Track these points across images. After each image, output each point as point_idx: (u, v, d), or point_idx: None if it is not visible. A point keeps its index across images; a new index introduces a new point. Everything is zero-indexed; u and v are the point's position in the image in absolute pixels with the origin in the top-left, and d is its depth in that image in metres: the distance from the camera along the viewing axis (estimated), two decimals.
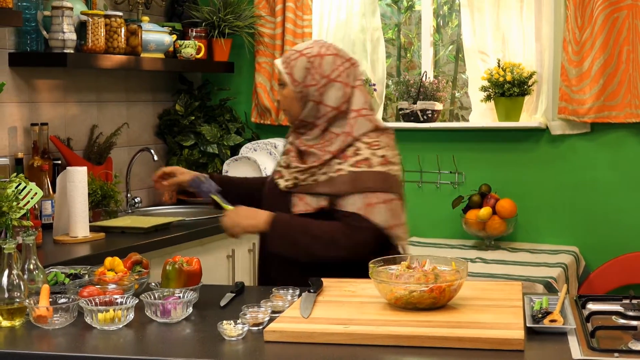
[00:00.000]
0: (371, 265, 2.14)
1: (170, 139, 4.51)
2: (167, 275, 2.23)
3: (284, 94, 2.62)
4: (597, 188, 4.17)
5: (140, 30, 3.92)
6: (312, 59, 2.57)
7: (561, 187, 4.22)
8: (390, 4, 4.92)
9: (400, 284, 2.04)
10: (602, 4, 4.01)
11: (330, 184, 2.50)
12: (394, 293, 2.05)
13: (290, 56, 2.60)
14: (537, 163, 4.26)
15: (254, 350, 1.86)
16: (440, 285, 2.03)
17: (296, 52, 2.60)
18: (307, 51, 2.59)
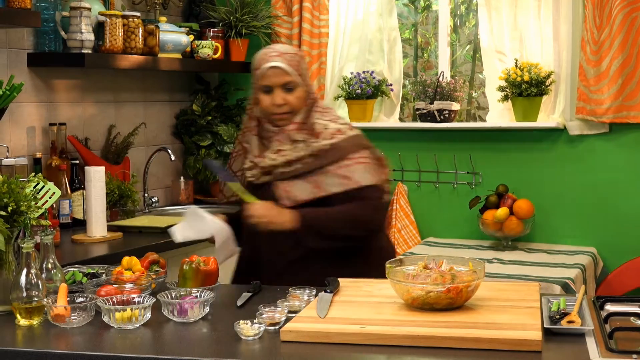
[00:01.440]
0: (388, 266, 2.14)
1: (187, 139, 4.52)
2: (184, 274, 2.24)
3: (298, 95, 2.67)
4: (615, 188, 4.15)
5: (158, 31, 3.94)
6: (303, 58, 2.75)
7: (579, 188, 4.20)
8: (407, 4, 4.91)
9: (417, 285, 2.04)
10: (621, 4, 3.98)
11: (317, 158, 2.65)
12: (411, 293, 2.05)
13: (290, 58, 2.67)
14: (555, 163, 4.24)
15: (270, 350, 1.87)
16: (457, 286, 2.03)
17: (292, 54, 2.70)
18: (294, 50, 2.75)
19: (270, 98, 2.67)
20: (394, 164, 4.48)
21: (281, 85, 2.66)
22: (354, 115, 4.50)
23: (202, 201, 4.48)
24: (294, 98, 2.66)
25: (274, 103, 2.65)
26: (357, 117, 4.49)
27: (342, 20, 4.55)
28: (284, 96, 2.66)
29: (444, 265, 2.18)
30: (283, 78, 2.65)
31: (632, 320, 2.05)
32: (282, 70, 2.65)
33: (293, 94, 2.66)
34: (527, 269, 3.74)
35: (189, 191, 4.44)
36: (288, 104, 2.66)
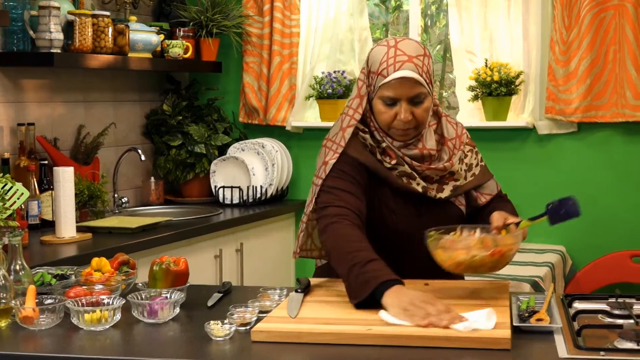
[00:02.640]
0: (430, 234, 2.16)
1: (158, 139, 4.50)
2: (154, 275, 2.23)
3: (426, 107, 2.29)
4: (584, 187, 4.19)
5: (128, 30, 3.91)
6: (430, 57, 2.31)
7: (548, 187, 4.24)
8: (378, 4, 4.93)
9: (461, 250, 2.10)
10: (589, 4, 4.02)
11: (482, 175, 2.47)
12: (455, 259, 2.11)
13: (421, 63, 2.26)
14: (524, 162, 4.27)
15: (241, 351, 1.86)
16: (501, 249, 2.10)
17: (422, 56, 2.27)
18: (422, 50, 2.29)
19: (393, 111, 2.27)
20: None
21: (409, 98, 2.25)
22: (325, 115, 4.50)
23: (173, 201, 4.47)
24: (422, 111, 2.27)
25: (399, 119, 2.26)
26: (329, 117, 4.49)
27: (313, 20, 4.55)
28: (411, 110, 2.26)
29: (477, 233, 2.21)
30: (412, 90, 2.24)
31: (599, 318, 2.07)
32: (413, 81, 2.23)
33: (421, 106, 2.27)
34: None
35: (160, 191, 4.42)
36: (415, 119, 2.27)
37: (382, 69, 2.26)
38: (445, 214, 2.37)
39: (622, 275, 4.08)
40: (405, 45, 2.27)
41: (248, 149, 4.47)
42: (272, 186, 4.42)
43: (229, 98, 4.80)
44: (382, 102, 2.28)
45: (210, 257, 3.85)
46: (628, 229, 4.14)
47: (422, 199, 2.35)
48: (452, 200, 2.40)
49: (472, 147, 2.49)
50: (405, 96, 2.25)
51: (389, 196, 2.34)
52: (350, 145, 2.32)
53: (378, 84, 2.27)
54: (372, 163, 2.32)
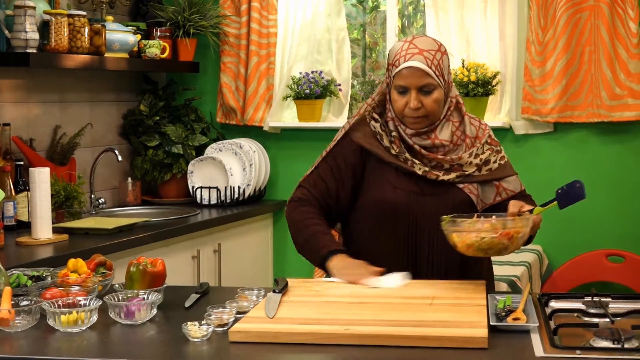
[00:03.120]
0: (444, 218, 2.26)
1: (135, 139, 4.48)
2: (131, 276, 2.22)
3: (435, 98, 2.45)
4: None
5: (104, 30, 3.89)
6: (445, 54, 2.49)
7: (524, 186, 4.25)
8: (356, 4, 4.94)
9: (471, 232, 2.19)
10: (565, 5, 4.05)
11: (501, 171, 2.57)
12: (465, 241, 2.19)
13: (431, 57, 2.43)
14: None
15: (218, 351, 1.86)
16: (509, 231, 2.19)
17: (434, 51, 2.45)
18: (436, 46, 2.47)
19: (405, 99, 2.45)
20: None
21: (418, 87, 2.44)
22: (303, 115, 4.51)
23: (150, 202, 4.45)
24: (431, 101, 2.44)
25: (409, 106, 2.44)
26: (306, 117, 4.49)
27: (290, 20, 4.55)
28: (420, 99, 2.44)
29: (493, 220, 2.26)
30: (421, 80, 2.43)
31: (576, 317, 2.09)
32: (421, 71, 2.42)
33: (430, 96, 2.44)
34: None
35: (137, 192, 4.40)
36: (424, 108, 2.45)
37: (395, 59, 2.47)
38: (449, 197, 2.50)
39: (598, 274, 4.11)
40: (420, 41, 2.48)
41: (226, 150, 4.47)
42: (249, 186, 4.41)
43: (206, 98, 4.78)
44: (396, 91, 2.48)
45: (187, 257, 3.84)
46: (604, 228, 4.18)
47: (427, 180, 2.50)
48: (461, 187, 2.51)
49: (493, 147, 2.59)
50: (415, 85, 2.44)
51: (393, 175, 2.52)
52: (358, 130, 2.56)
53: (392, 73, 2.48)
54: (375, 148, 2.52)
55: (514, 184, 2.60)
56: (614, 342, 1.81)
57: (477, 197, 2.53)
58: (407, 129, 2.50)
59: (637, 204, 4.12)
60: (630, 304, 2.19)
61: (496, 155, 2.59)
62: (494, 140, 2.62)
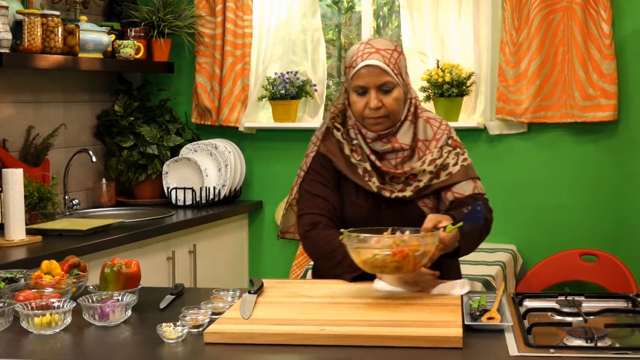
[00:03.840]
0: (343, 232, 2.17)
1: (109, 140, 4.45)
2: (106, 278, 2.21)
3: (395, 97, 2.43)
4: (534, 187, 4.24)
5: (78, 30, 3.87)
6: (402, 54, 2.47)
7: (499, 186, 4.28)
8: (331, 5, 4.94)
9: (365, 248, 2.09)
10: (538, 6, 4.08)
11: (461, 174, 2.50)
12: (361, 257, 2.11)
13: (389, 55, 2.41)
14: (476, 162, 4.25)
15: (193, 353, 1.85)
16: (403, 250, 2.07)
17: (390, 50, 2.43)
18: (392, 46, 2.45)
19: (364, 100, 2.43)
20: None
21: (377, 86, 2.41)
22: (278, 115, 4.50)
23: (125, 203, 4.43)
24: (391, 100, 2.42)
25: (369, 106, 2.42)
26: (281, 118, 4.49)
27: (265, 21, 4.55)
28: (380, 98, 2.42)
29: (406, 235, 2.19)
30: (379, 78, 2.40)
31: (549, 316, 2.10)
32: (379, 69, 2.40)
33: (390, 95, 2.42)
34: None
35: (111, 193, 4.38)
36: (384, 107, 2.42)
37: (352, 60, 2.45)
38: (405, 213, 2.47)
39: (572, 274, 4.14)
40: (376, 41, 2.47)
41: (201, 150, 4.45)
42: (225, 187, 4.40)
43: (181, 99, 4.77)
44: (355, 92, 2.45)
45: (162, 259, 3.82)
46: (577, 227, 4.21)
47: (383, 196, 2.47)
48: (416, 201, 2.48)
49: (452, 148, 2.53)
50: (373, 84, 2.41)
51: (353, 191, 2.50)
52: (325, 142, 2.55)
53: (350, 75, 2.45)
54: (338, 160, 2.51)
55: (465, 186, 2.50)
56: (587, 341, 1.83)
57: (432, 209, 2.49)
58: (369, 132, 2.47)
59: (610, 204, 4.16)
60: (603, 302, 2.21)
61: (456, 158, 2.53)
62: (456, 142, 2.56)
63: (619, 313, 2.14)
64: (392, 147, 2.47)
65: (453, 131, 2.59)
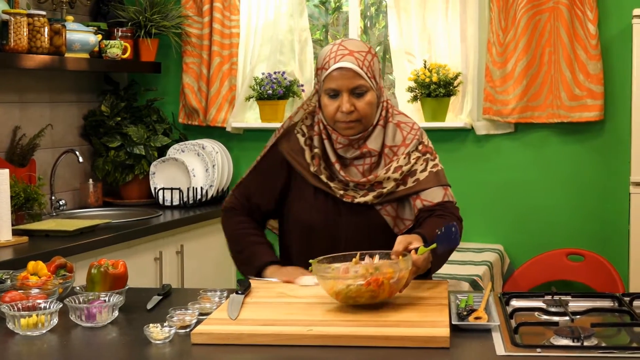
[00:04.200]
0: (312, 262, 2.12)
1: (96, 140, 4.44)
2: (92, 278, 2.20)
3: (368, 100, 2.36)
4: (521, 187, 4.26)
5: (65, 30, 3.86)
6: (375, 57, 2.41)
7: (486, 186, 4.30)
8: (318, 5, 4.94)
9: (338, 279, 2.03)
10: (525, 7, 4.09)
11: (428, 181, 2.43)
12: (334, 288, 2.04)
13: (362, 58, 2.36)
14: (463, 163, 4.33)
15: (181, 353, 1.85)
16: (378, 278, 2.00)
17: (364, 52, 2.37)
18: (366, 48, 2.39)
19: (336, 103, 2.36)
20: None
21: (350, 89, 2.35)
22: (266, 116, 4.50)
23: (112, 204, 4.41)
24: (364, 104, 2.35)
25: (341, 110, 2.35)
26: (269, 118, 4.49)
27: (253, 21, 4.54)
28: (353, 102, 2.35)
29: (376, 259, 2.16)
30: (352, 82, 2.34)
31: (536, 315, 2.11)
32: (352, 72, 2.33)
33: (363, 99, 2.35)
34: None
35: (98, 194, 4.36)
36: (357, 111, 2.35)
37: (325, 62, 2.38)
38: (365, 219, 2.43)
39: (558, 273, 4.16)
40: (349, 43, 2.40)
41: (188, 150, 4.44)
42: (212, 187, 4.40)
43: (168, 99, 4.76)
44: (327, 95, 2.38)
45: (150, 259, 3.81)
46: (564, 227, 4.23)
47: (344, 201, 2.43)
48: (378, 208, 2.43)
49: (422, 154, 2.47)
50: (346, 87, 2.34)
51: (312, 194, 2.46)
52: (285, 141, 2.51)
53: (322, 77, 2.38)
54: (297, 163, 2.48)
55: (433, 193, 2.43)
56: (574, 340, 1.83)
57: (394, 218, 2.44)
58: (340, 137, 2.40)
59: (596, 204, 4.18)
60: (589, 302, 2.22)
61: (425, 164, 2.46)
62: (426, 147, 2.49)
63: (606, 312, 2.15)
64: (360, 153, 2.41)
65: (425, 136, 2.51)
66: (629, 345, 1.90)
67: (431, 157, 2.48)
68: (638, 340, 1.91)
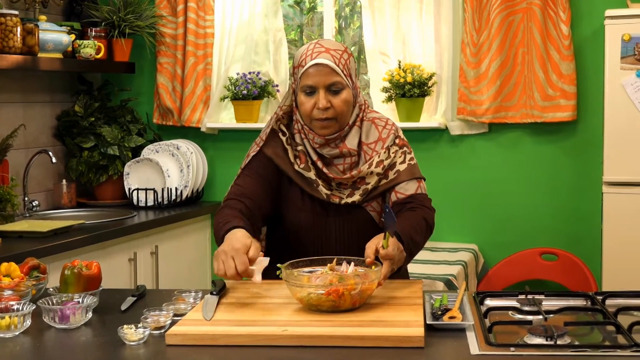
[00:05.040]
0: (281, 266, 2.13)
1: (70, 141, 4.41)
2: (66, 280, 2.19)
3: (344, 98, 2.38)
4: (495, 187, 4.28)
5: (37, 30, 3.83)
6: (351, 56, 2.43)
7: (460, 186, 4.32)
8: (293, 5, 4.94)
9: (299, 286, 2.04)
10: (498, 7, 4.12)
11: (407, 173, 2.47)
12: (297, 294, 2.06)
13: (338, 56, 2.38)
14: (437, 162, 4.34)
15: (155, 355, 1.84)
16: (338, 289, 2.01)
17: (340, 51, 2.39)
18: (342, 47, 2.42)
19: (313, 100, 2.37)
20: None
21: (326, 86, 2.36)
22: (241, 116, 4.49)
23: (86, 204, 4.39)
24: (340, 101, 2.37)
25: (317, 107, 2.36)
26: (244, 118, 4.48)
27: (227, 21, 4.54)
28: (329, 98, 2.36)
29: (350, 267, 2.17)
30: (329, 78, 2.35)
31: (510, 315, 2.12)
32: (328, 68, 2.35)
33: (339, 96, 2.37)
34: (410, 266, 3.79)
35: (72, 194, 4.34)
36: (333, 108, 2.37)
37: (301, 60, 2.40)
38: (352, 218, 2.46)
39: (532, 272, 4.18)
40: (326, 42, 2.43)
41: (162, 151, 4.43)
42: (187, 188, 4.38)
43: (142, 99, 4.74)
44: (303, 93, 2.39)
45: (124, 260, 3.79)
46: (537, 227, 4.25)
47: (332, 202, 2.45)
48: (364, 205, 2.46)
49: (399, 147, 2.51)
50: (322, 84, 2.36)
51: (299, 195, 2.46)
52: (270, 144, 2.48)
53: (299, 75, 2.40)
54: (283, 165, 2.46)
55: (407, 186, 2.46)
56: (547, 339, 1.85)
57: (379, 213, 2.48)
58: (316, 137, 2.41)
59: (569, 203, 4.21)
60: (562, 301, 2.23)
61: (403, 156, 2.50)
62: (403, 140, 2.53)
63: (579, 311, 2.16)
64: (340, 152, 2.43)
65: (400, 130, 2.56)
66: (601, 343, 1.91)
67: (407, 150, 2.53)
68: (610, 338, 1.93)
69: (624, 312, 2.09)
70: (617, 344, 1.87)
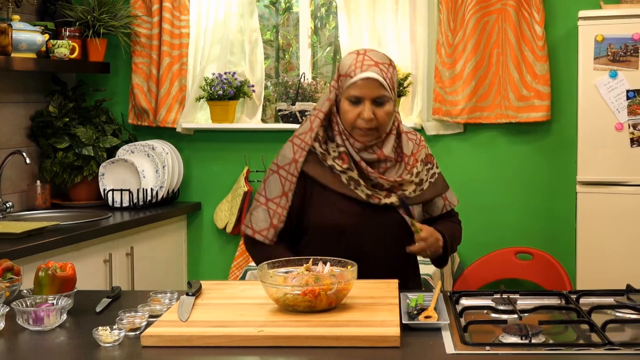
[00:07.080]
0: (260, 266, 2.14)
1: (44, 141, 4.38)
2: (40, 281, 2.18)
3: (388, 110, 2.49)
4: (470, 187, 4.30)
5: (11, 30, 3.80)
6: (395, 69, 2.54)
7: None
8: (268, 5, 4.93)
9: (275, 287, 2.04)
10: (473, 8, 4.14)
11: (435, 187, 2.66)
12: (273, 295, 2.06)
13: (386, 70, 2.48)
14: None
15: (131, 356, 1.84)
16: (314, 289, 2.02)
17: (387, 64, 2.50)
18: (388, 60, 2.52)
19: (357, 110, 2.47)
20: (257, 165, 4.49)
21: (372, 98, 2.46)
22: (216, 116, 4.48)
23: (60, 205, 4.36)
24: (383, 113, 2.48)
25: (361, 116, 2.46)
26: (219, 119, 4.47)
27: (202, 21, 4.52)
28: (373, 110, 2.47)
29: (326, 268, 2.17)
30: (376, 91, 2.46)
31: (485, 314, 2.13)
32: (377, 82, 2.45)
33: (383, 108, 2.47)
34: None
35: (46, 195, 4.31)
36: (376, 119, 2.47)
37: (350, 70, 2.48)
38: (388, 219, 2.55)
39: (507, 272, 4.20)
40: (373, 54, 2.52)
41: (138, 151, 4.41)
42: (163, 188, 4.37)
43: (117, 99, 4.71)
44: (348, 101, 2.49)
45: (99, 261, 3.77)
46: (512, 226, 4.28)
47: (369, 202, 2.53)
48: (397, 208, 2.55)
49: (425, 164, 2.64)
50: (369, 96, 2.46)
51: (339, 197, 2.53)
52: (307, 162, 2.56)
53: (345, 84, 2.49)
54: (319, 175, 2.54)
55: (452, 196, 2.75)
56: (522, 338, 1.86)
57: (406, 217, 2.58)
58: (356, 142, 2.51)
59: (544, 203, 4.24)
60: (537, 300, 2.25)
61: (427, 174, 2.64)
62: (429, 156, 2.69)
63: (553, 310, 2.18)
64: (377, 158, 2.53)
65: (427, 145, 2.72)
66: (575, 342, 1.93)
67: (430, 166, 2.68)
68: (584, 337, 1.95)
69: (598, 310, 2.11)
70: (591, 342, 1.89)
